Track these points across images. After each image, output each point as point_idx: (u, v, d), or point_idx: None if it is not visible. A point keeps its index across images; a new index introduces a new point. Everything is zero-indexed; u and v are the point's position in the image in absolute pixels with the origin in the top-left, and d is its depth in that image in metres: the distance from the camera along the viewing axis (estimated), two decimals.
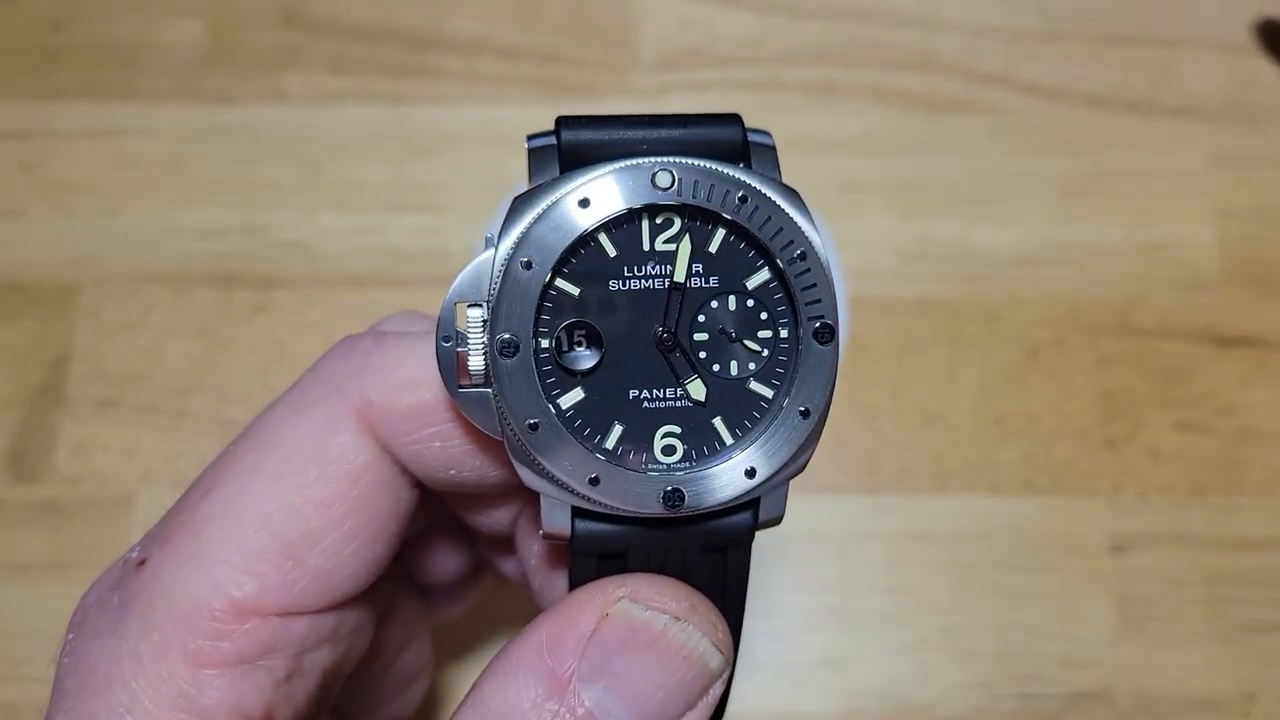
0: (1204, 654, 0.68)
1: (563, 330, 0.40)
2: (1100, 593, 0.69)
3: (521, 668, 0.40)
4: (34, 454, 0.71)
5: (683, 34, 0.81)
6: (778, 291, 0.41)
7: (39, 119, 0.77)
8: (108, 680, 0.40)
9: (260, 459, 0.42)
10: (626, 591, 0.41)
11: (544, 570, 0.49)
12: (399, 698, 0.57)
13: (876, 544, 0.70)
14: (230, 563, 0.41)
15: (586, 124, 0.41)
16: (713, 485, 0.41)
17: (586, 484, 0.40)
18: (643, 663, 0.40)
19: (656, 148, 0.41)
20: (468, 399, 0.40)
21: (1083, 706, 0.67)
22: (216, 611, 0.40)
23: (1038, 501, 0.70)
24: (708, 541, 0.43)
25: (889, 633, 0.69)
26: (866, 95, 0.80)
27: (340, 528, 0.42)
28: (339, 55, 0.79)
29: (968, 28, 0.81)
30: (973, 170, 0.77)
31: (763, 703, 0.67)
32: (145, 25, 0.79)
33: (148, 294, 0.74)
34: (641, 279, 0.41)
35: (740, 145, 0.42)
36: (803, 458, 0.42)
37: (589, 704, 0.39)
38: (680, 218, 0.41)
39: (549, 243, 0.39)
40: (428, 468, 0.43)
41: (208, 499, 0.42)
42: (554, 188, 0.40)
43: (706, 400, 0.41)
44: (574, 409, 0.41)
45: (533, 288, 0.39)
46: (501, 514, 0.49)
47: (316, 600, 0.42)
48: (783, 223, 0.40)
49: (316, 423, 0.42)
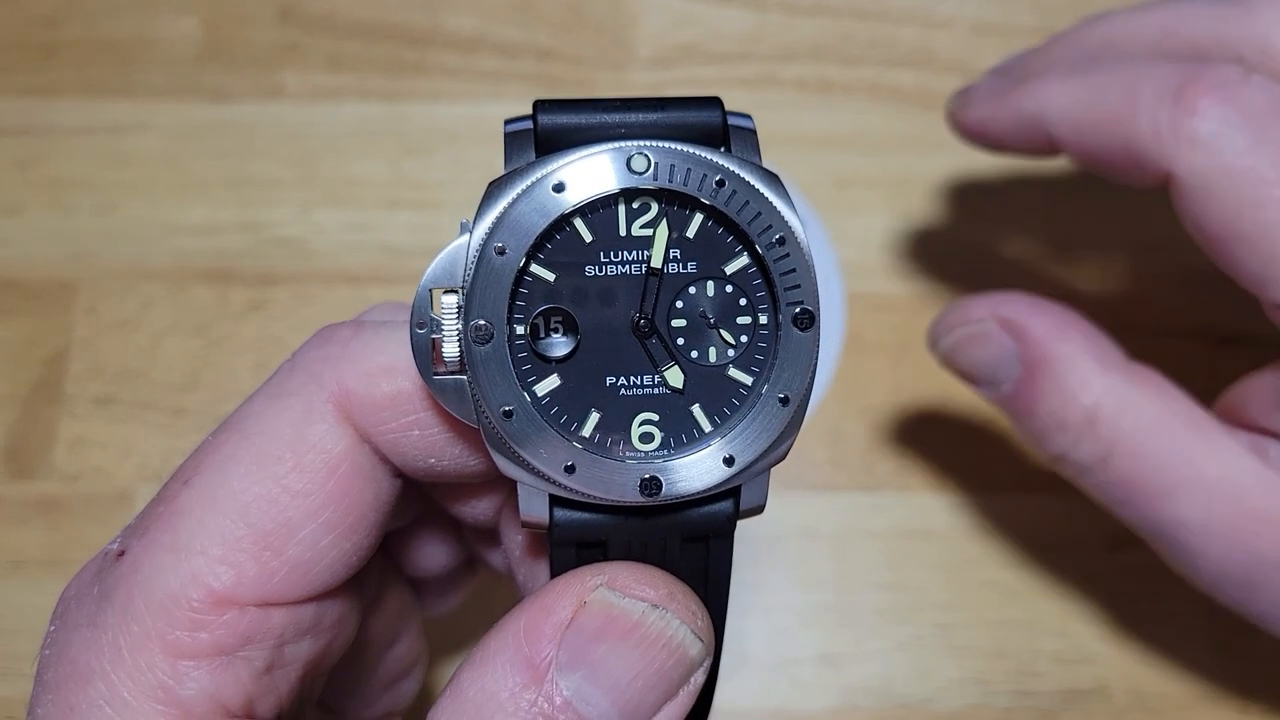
0: (1201, 651, 0.68)
1: (538, 316, 0.40)
2: (1097, 590, 0.69)
3: (499, 657, 0.40)
4: (31, 451, 0.71)
5: (679, 31, 0.81)
6: (757, 277, 0.41)
7: (35, 115, 0.77)
8: (87, 672, 0.39)
9: (238, 448, 0.42)
10: (604, 579, 0.41)
11: (527, 561, 0.48)
12: (391, 692, 0.56)
13: (873, 541, 0.70)
14: (207, 553, 0.40)
15: (563, 108, 0.41)
16: (691, 473, 0.41)
17: (562, 472, 0.40)
18: (620, 651, 0.40)
19: (634, 131, 0.41)
20: (443, 386, 0.40)
21: (1079, 703, 0.67)
22: (194, 602, 0.40)
23: (1035, 498, 0.69)
24: (688, 530, 0.42)
25: (886, 629, 0.68)
26: (863, 92, 0.79)
27: (318, 517, 0.42)
28: (336, 52, 0.79)
29: (964, 24, 0.81)
30: (969, 167, 0.77)
31: (759, 699, 0.67)
32: (142, 22, 0.80)
33: (145, 291, 0.74)
34: (618, 264, 0.41)
35: (720, 129, 0.42)
36: (783, 446, 0.42)
37: (567, 693, 0.39)
38: (657, 202, 0.41)
39: (523, 228, 0.39)
40: (407, 457, 0.43)
41: (186, 489, 0.42)
42: (529, 172, 0.40)
43: (684, 387, 0.41)
44: (550, 396, 0.40)
45: (506, 273, 0.39)
46: (485, 505, 0.49)
47: (295, 591, 0.42)
48: (761, 207, 0.40)
49: (294, 411, 0.42)
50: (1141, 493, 0.55)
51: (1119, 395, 0.55)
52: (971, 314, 0.59)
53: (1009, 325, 0.58)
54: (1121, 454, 0.55)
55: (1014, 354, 0.57)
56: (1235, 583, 0.55)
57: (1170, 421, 0.55)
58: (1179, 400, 0.56)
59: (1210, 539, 0.54)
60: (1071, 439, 0.56)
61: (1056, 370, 0.56)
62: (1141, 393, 0.55)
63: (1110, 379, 0.56)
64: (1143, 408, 0.55)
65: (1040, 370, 0.56)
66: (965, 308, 0.60)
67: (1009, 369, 0.57)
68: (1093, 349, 0.56)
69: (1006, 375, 0.58)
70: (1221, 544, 0.54)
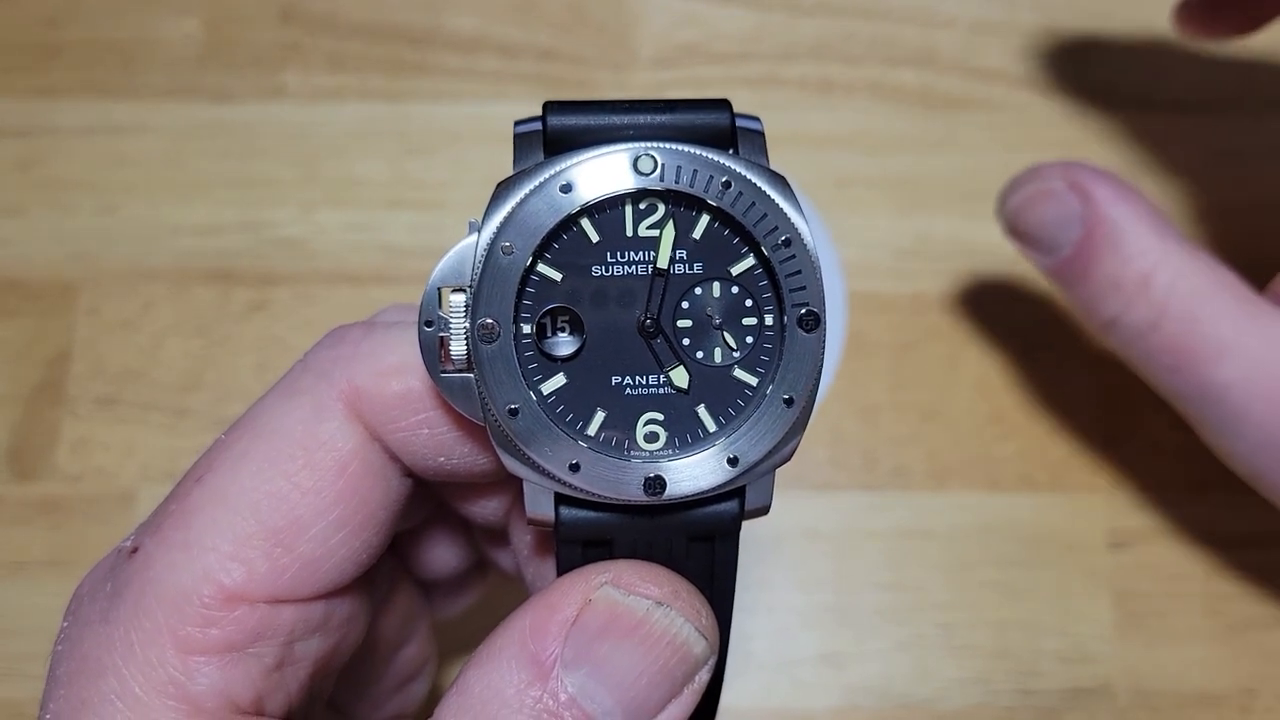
0: (1203, 650, 0.68)
1: (544, 316, 0.40)
2: (1099, 589, 0.69)
3: (504, 654, 0.40)
4: (33, 452, 0.71)
5: (681, 31, 0.81)
6: (763, 279, 0.41)
7: (37, 116, 0.77)
8: (99, 667, 0.40)
9: (250, 446, 0.42)
10: (609, 577, 0.41)
11: (535, 560, 0.49)
12: (401, 694, 0.57)
13: (875, 541, 0.70)
14: (219, 550, 0.41)
15: (573, 109, 0.41)
16: (695, 473, 0.41)
17: (567, 470, 0.40)
18: (625, 648, 0.40)
19: (642, 133, 0.41)
20: (450, 384, 0.40)
21: (1082, 702, 0.67)
22: (205, 598, 0.40)
23: (1037, 498, 0.70)
24: (693, 530, 0.43)
25: (887, 629, 0.68)
26: (865, 91, 0.80)
27: (328, 515, 0.42)
28: (337, 52, 0.79)
29: (966, 24, 0.81)
30: (972, 166, 0.77)
31: (760, 699, 0.67)
32: (143, 22, 0.80)
33: (147, 291, 0.74)
34: (624, 265, 0.41)
35: (728, 130, 0.42)
36: (787, 447, 0.42)
37: (572, 690, 0.39)
38: (664, 203, 0.41)
39: (530, 228, 0.39)
40: (417, 455, 0.43)
41: (198, 486, 0.42)
42: (537, 173, 0.40)
43: (689, 387, 0.41)
44: (555, 395, 0.41)
45: (513, 273, 0.39)
46: (494, 504, 0.49)
47: (305, 588, 0.42)
48: (767, 209, 0.40)
49: (305, 410, 0.42)
50: (1190, 357, 0.58)
51: (1174, 262, 0.58)
52: (1044, 173, 0.62)
53: (1077, 187, 0.60)
54: (1173, 317, 0.58)
55: (1078, 215, 0.60)
56: (1275, 447, 0.58)
57: (1220, 291, 0.58)
58: (1229, 275, 0.58)
59: (1253, 402, 0.57)
60: (1125, 301, 0.59)
61: (1117, 233, 0.59)
62: (1195, 263, 0.58)
63: (1167, 246, 0.58)
64: (1195, 276, 0.58)
65: (1101, 232, 0.59)
66: (1038, 169, 0.63)
67: (1071, 230, 0.60)
68: (1152, 219, 0.59)
69: (1067, 238, 0.60)
70: (1264, 407, 0.57)
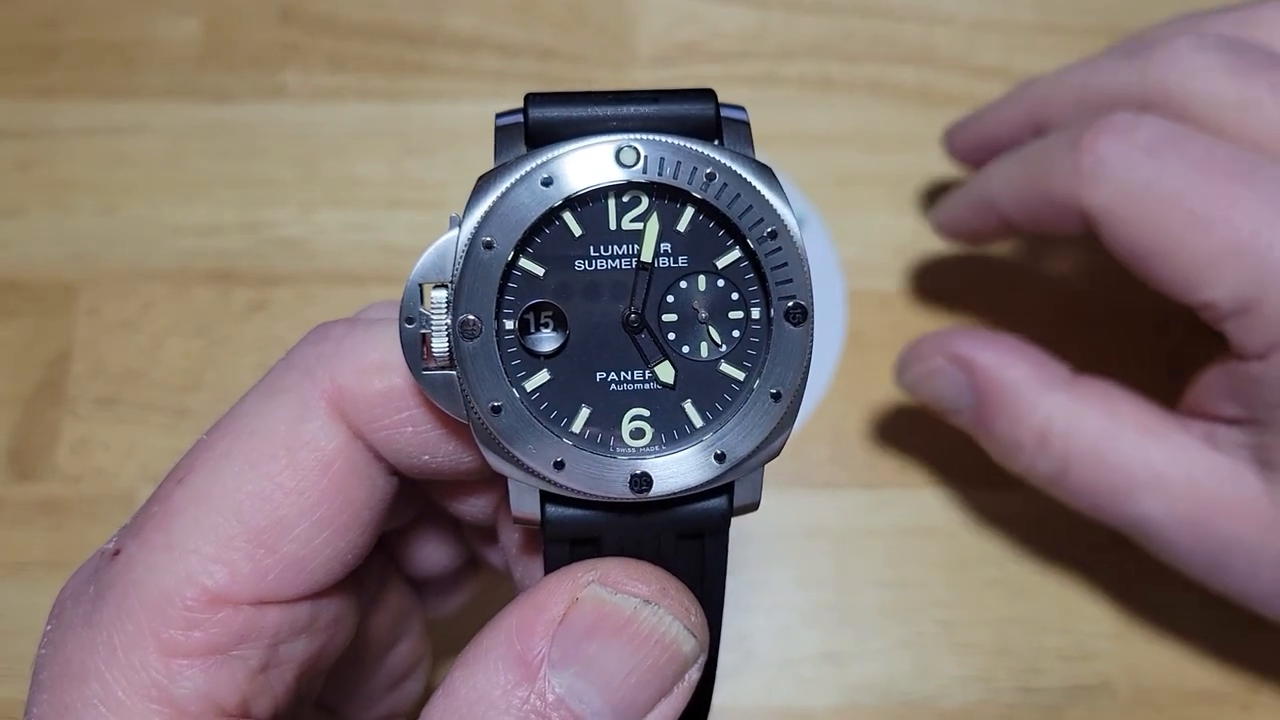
0: (1205, 647, 0.67)
1: (527, 311, 0.40)
2: (1100, 586, 0.69)
3: (491, 654, 0.39)
4: (34, 452, 0.71)
5: (680, 29, 0.81)
6: (749, 271, 0.41)
7: (37, 117, 0.78)
8: (82, 671, 0.39)
9: (231, 446, 0.41)
10: (596, 575, 0.40)
11: (523, 558, 0.48)
12: (393, 693, 0.56)
13: (875, 539, 0.70)
14: (201, 551, 0.40)
15: (555, 101, 0.41)
16: (682, 469, 0.40)
17: (552, 468, 0.39)
18: (613, 647, 0.39)
19: (625, 124, 0.40)
20: (432, 381, 0.40)
21: (1083, 699, 0.66)
22: (188, 601, 0.40)
23: (1036, 495, 0.69)
24: (682, 527, 0.42)
25: (888, 627, 0.68)
26: (864, 89, 0.79)
27: (312, 515, 0.41)
28: (337, 52, 0.79)
29: (965, 21, 0.81)
30: None
31: (762, 698, 0.67)
32: (143, 23, 0.80)
33: (147, 291, 0.74)
34: (608, 259, 0.40)
35: (713, 121, 0.41)
36: (775, 442, 0.41)
37: (560, 690, 0.39)
38: (648, 196, 0.40)
39: (511, 222, 0.39)
40: (401, 454, 0.43)
41: (180, 487, 0.41)
42: (517, 166, 0.39)
43: (676, 383, 0.41)
44: (539, 391, 0.40)
45: (494, 268, 0.39)
46: (482, 502, 0.49)
47: (290, 589, 0.42)
48: (753, 200, 0.40)
49: (288, 409, 0.42)
50: (1105, 496, 0.59)
51: (1066, 411, 0.59)
52: (923, 352, 0.64)
53: (958, 360, 0.62)
54: (1077, 464, 0.59)
55: (965, 385, 0.62)
56: (1209, 567, 0.58)
57: (1118, 427, 0.59)
58: (1126, 404, 0.59)
59: (1177, 531, 0.58)
60: (1029, 456, 0.60)
61: (1005, 397, 0.61)
62: (1087, 405, 0.59)
63: (1055, 397, 0.60)
64: (1089, 418, 0.59)
65: (991, 398, 0.61)
66: (917, 347, 0.65)
67: (963, 399, 0.62)
68: (1036, 372, 0.61)
69: (963, 404, 0.62)
70: (1188, 533, 0.57)
